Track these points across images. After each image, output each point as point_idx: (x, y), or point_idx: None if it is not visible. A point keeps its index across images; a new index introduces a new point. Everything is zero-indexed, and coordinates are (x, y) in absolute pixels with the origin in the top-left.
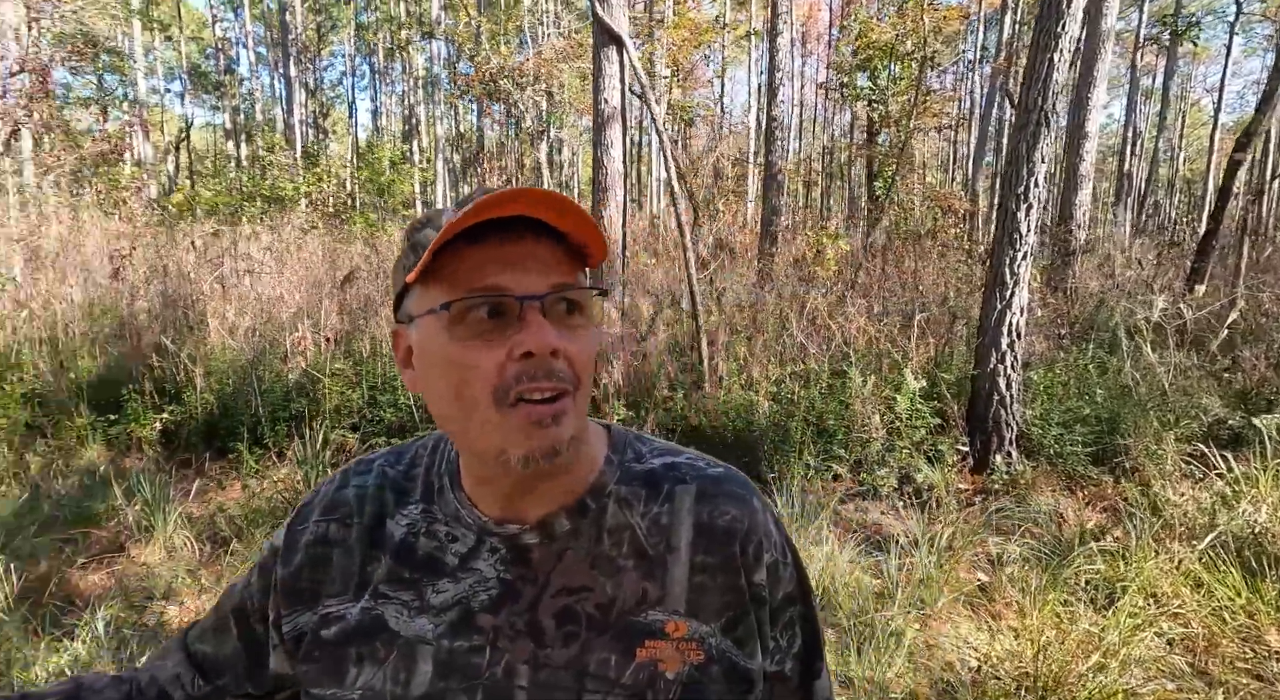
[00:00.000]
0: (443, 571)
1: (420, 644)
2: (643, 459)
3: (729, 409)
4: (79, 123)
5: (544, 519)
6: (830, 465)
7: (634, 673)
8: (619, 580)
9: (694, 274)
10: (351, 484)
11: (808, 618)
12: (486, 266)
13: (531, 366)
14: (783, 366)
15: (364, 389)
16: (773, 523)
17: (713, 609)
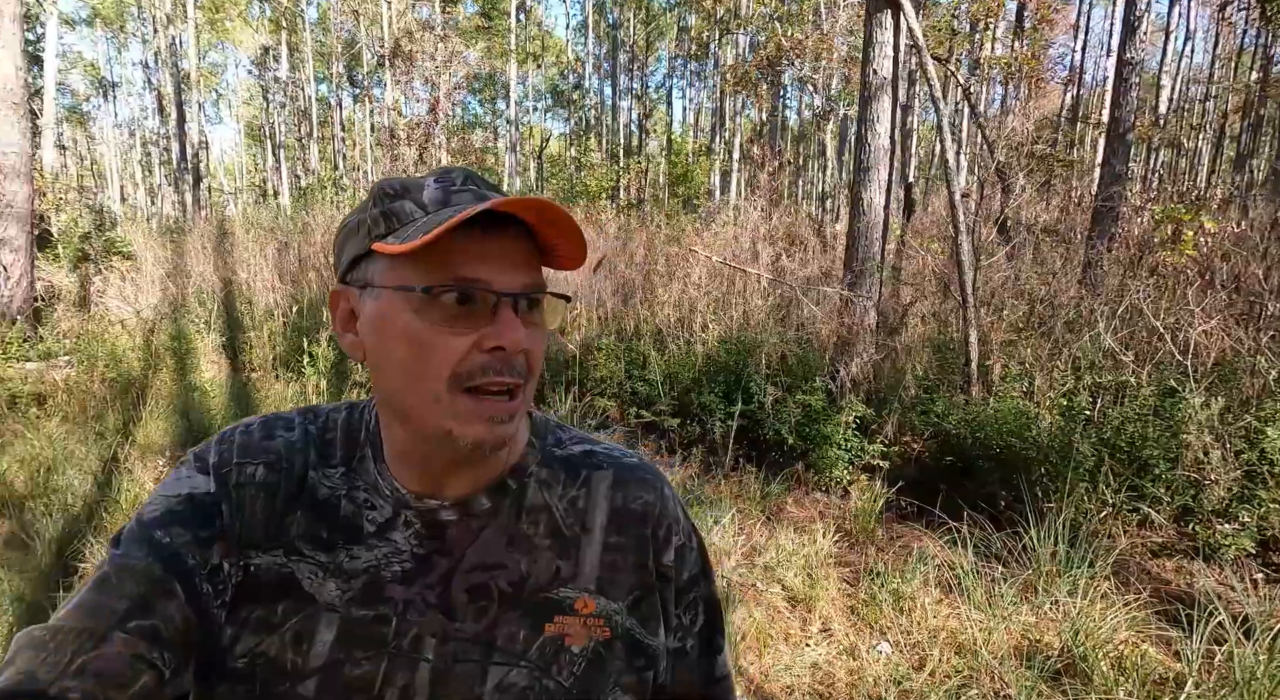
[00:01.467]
0: (359, 538)
1: (326, 610)
2: (563, 445)
3: (998, 419)
4: (475, 142)
5: (464, 497)
6: (1139, 506)
7: (540, 646)
8: (534, 558)
9: (966, 260)
10: (278, 435)
11: (709, 597)
12: (471, 257)
13: (497, 360)
14: (1079, 376)
15: (623, 363)
16: (680, 509)
17: (621, 587)
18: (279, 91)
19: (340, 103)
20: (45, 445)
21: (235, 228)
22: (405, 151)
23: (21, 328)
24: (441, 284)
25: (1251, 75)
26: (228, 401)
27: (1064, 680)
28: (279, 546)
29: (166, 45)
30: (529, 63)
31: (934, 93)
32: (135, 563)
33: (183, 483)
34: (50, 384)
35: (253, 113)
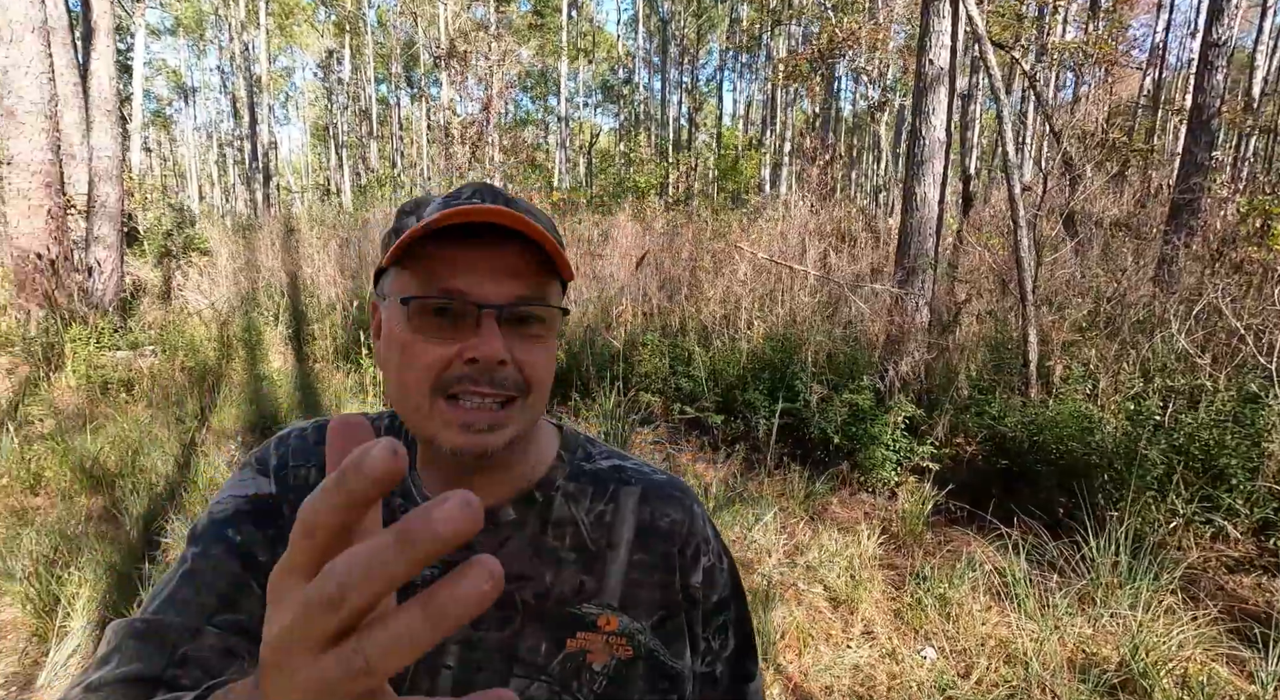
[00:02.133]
0: None
1: None
2: (592, 459)
3: (1059, 422)
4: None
5: (491, 506)
6: (1213, 518)
7: (562, 661)
8: (558, 571)
9: (1025, 256)
10: (290, 444)
11: (741, 621)
12: (453, 268)
13: (475, 371)
14: (1149, 379)
15: (668, 359)
16: (710, 529)
17: (646, 606)
18: (342, 92)
19: (398, 102)
20: (132, 428)
21: (301, 225)
22: (459, 150)
23: (112, 319)
24: (423, 295)
25: None
26: (292, 391)
27: (1121, 696)
28: None
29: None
30: (579, 59)
31: (994, 83)
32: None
33: (247, 484)
34: (137, 371)
35: (317, 113)
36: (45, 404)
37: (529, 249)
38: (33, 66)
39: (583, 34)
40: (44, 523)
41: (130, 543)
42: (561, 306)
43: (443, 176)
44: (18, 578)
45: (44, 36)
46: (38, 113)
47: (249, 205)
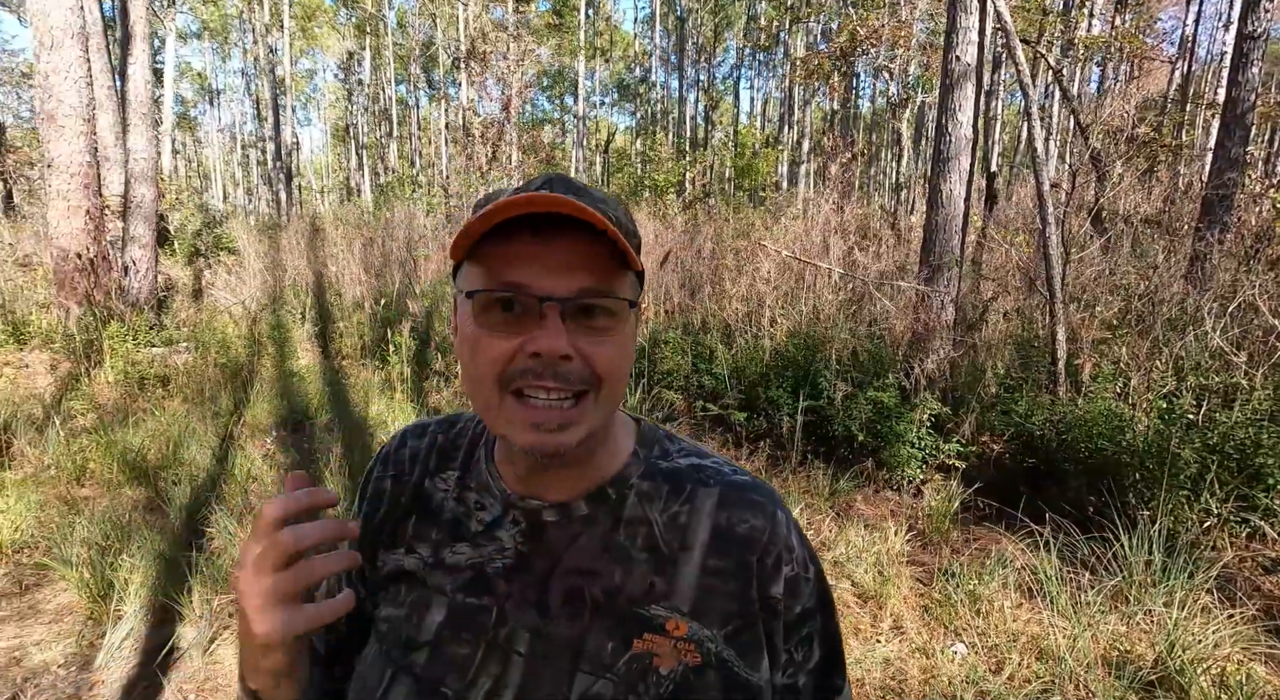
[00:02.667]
0: (464, 536)
1: (436, 594)
2: (669, 457)
3: (1089, 421)
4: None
5: (564, 501)
6: (1248, 518)
7: (628, 662)
8: (628, 570)
9: (1054, 253)
10: (409, 444)
11: (827, 633)
12: (516, 261)
13: (539, 365)
14: (1182, 377)
15: (689, 357)
16: (796, 536)
17: (718, 614)
18: (361, 93)
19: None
20: (171, 422)
21: (325, 225)
22: (480, 149)
23: (148, 316)
24: (485, 288)
25: None
26: (322, 387)
27: (1156, 693)
28: (397, 545)
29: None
30: (596, 58)
31: (1022, 78)
32: None
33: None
34: (172, 368)
35: (338, 114)
36: (86, 399)
37: (596, 240)
38: (72, 71)
39: (599, 33)
40: (93, 512)
41: (176, 532)
42: (629, 299)
43: (460, 176)
44: (73, 564)
45: (83, 42)
46: (76, 117)
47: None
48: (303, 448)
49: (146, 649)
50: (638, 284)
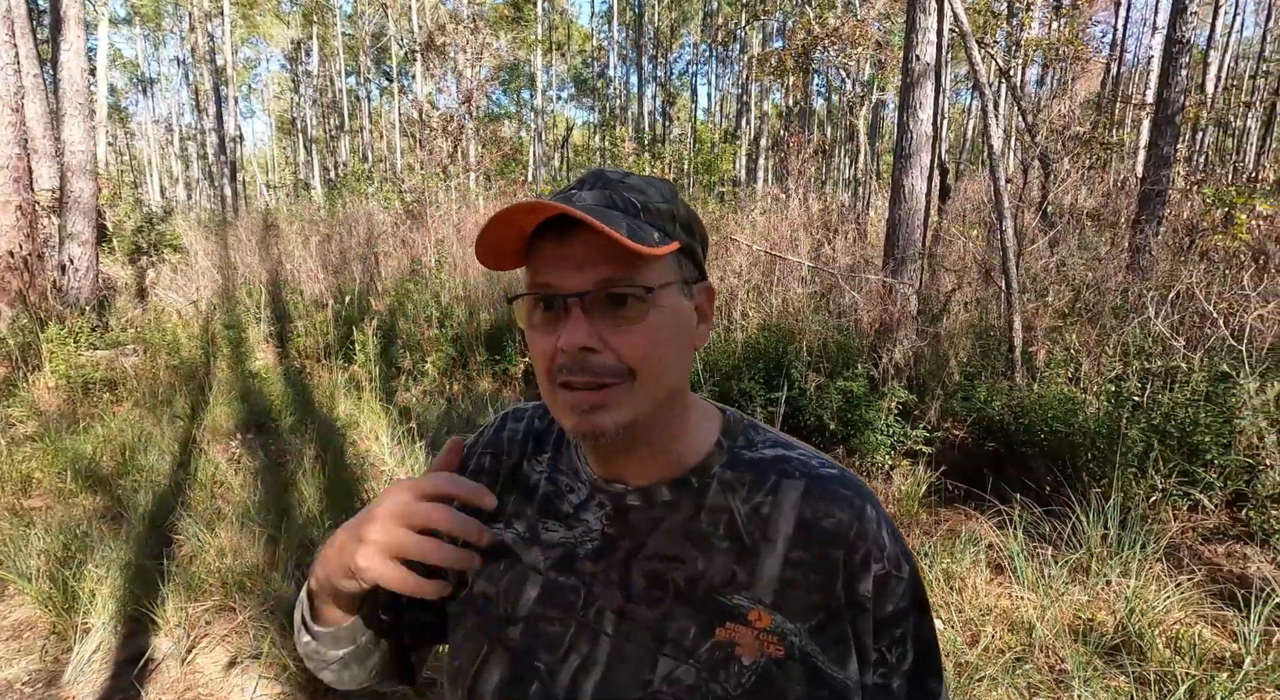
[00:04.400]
0: (557, 515)
1: (531, 571)
2: (754, 447)
3: (1044, 405)
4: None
5: (646, 486)
6: (1189, 492)
7: (710, 649)
8: (710, 558)
9: (1010, 246)
10: (508, 427)
11: (922, 635)
12: (545, 263)
13: (568, 359)
14: (1128, 362)
15: None
16: (887, 532)
17: (801, 608)
18: (309, 85)
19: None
20: (123, 428)
21: (279, 221)
22: (441, 144)
23: (89, 317)
24: (524, 292)
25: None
26: (284, 388)
27: (1119, 657)
28: (497, 520)
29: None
30: (553, 52)
31: (979, 78)
32: None
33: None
34: (119, 371)
35: (283, 107)
36: (25, 405)
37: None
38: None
39: (554, 26)
40: (48, 523)
41: (141, 540)
42: (650, 285)
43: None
44: (31, 577)
45: (8, 26)
46: (3, 106)
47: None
48: (270, 450)
49: (118, 661)
50: (685, 264)
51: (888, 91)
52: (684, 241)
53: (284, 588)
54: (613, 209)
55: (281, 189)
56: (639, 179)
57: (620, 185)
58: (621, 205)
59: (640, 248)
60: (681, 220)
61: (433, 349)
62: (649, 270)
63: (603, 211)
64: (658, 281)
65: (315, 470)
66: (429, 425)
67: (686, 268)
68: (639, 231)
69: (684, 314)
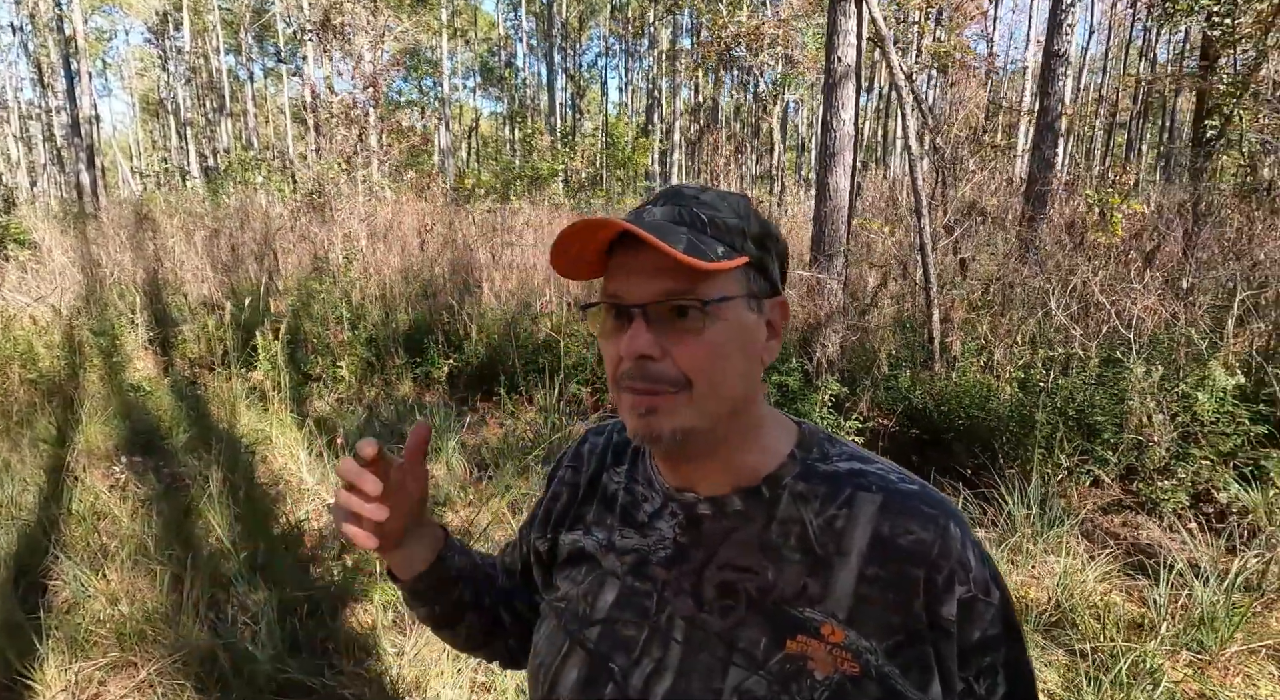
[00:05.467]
0: (632, 523)
1: (610, 576)
2: (829, 460)
3: (961, 393)
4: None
5: (718, 496)
6: (1089, 468)
7: (781, 661)
8: (781, 569)
9: (928, 242)
10: (588, 441)
11: (1016, 665)
12: (616, 274)
13: (630, 366)
14: (1035, 350)
15: (595, 350)
16: (973, 554)
17: (877, 626)
18: (180, 63)
19: (251, 77)
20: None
21: (154, 213)
22: (345, 132)
23: None
24: (596, 302)
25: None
26: (173, 401)
27: (1055, 632)
28: (578, 527)
29: (49, 6)
30: (457, 39)
31: (897, 80)
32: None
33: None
34: None
35: (148, 85)
36: None
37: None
38: None
39: (458, 12)
40: None
41: (3, 590)
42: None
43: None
44: None
45: None
46: None
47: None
48: (163, 473)
49: None
50: (755, 279)
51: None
52: (754, 256)
53: (197, 633)
54: (679, 224)
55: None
56: (713, 195)
57: (693, 201)
58: (688, 220)
59: (695, 262)
60: (753, 235)
61: (345, 353)
62: (710, 285)
63: (668, 227)
64: (719, 295)
65: (223, 494)
66: (349, 435)
67: (756, 282)
68: (700, 247)
69: (750, 328)
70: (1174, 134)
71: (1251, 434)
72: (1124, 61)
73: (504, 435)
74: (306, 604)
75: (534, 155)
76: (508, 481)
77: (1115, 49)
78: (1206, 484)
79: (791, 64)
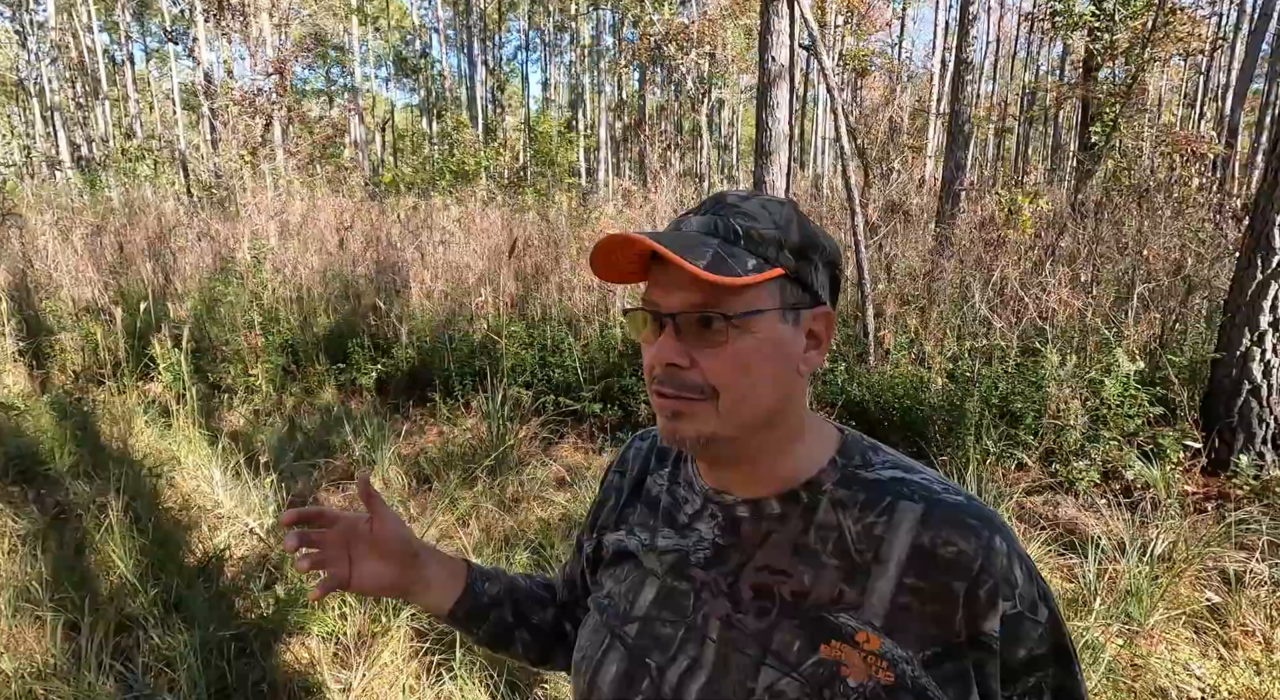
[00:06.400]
0: (673, 524)
1: (650, 575)
2: (870, 467)
3: (895, 384)
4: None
5: (755, 499)
6: (1014, 452)
7: (814, 665)
8: (818, 574)
9: (861, 239)
10: (633, 446)
11: (1064, 688)
12: (655, 283)
13: (660, 371)
14: (961, 342)
15: (535, 350)
16: (1021, 570)
17: (914, 636)
18: (44, 40)
19: (131, 59)
20: None
21: (19, 208)
22: (250, 122)
23: None
24: (635, 307)
25: (1026, 77)
26: (52, 420)
27: None
28: (621, 528)
29: None
30: (366, 25)
31: (829, 81)
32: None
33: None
34: None
35: (4, 63)
36: None
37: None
38: None
39: None
40: None
41: None
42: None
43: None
44: None
45: None
46: None
47: None
48: (47, 503)
49: None
50: (792, 290)
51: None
52: (790, 267)
53: (98, 685)
54: (712, 235)
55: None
56: (756, 203)
57: (732, 210)
58: (721, 232)
59: (716, 278)
60: (792, 246)
61: (260, 360)
62: (737, 299)
63: (698, 238)
64: (746, 309)
65: (123, 524)
66: (270, 450)
67: (793, 293)
68: (727, 261)
69: (783, 340)
70: (1057, 139)
71: (1150, 415)
72: (1010, 72)
73: (442, 444)
74: (234, 643)
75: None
76: (452, 493)
77: (1004, 60)
78: (1115, 462)
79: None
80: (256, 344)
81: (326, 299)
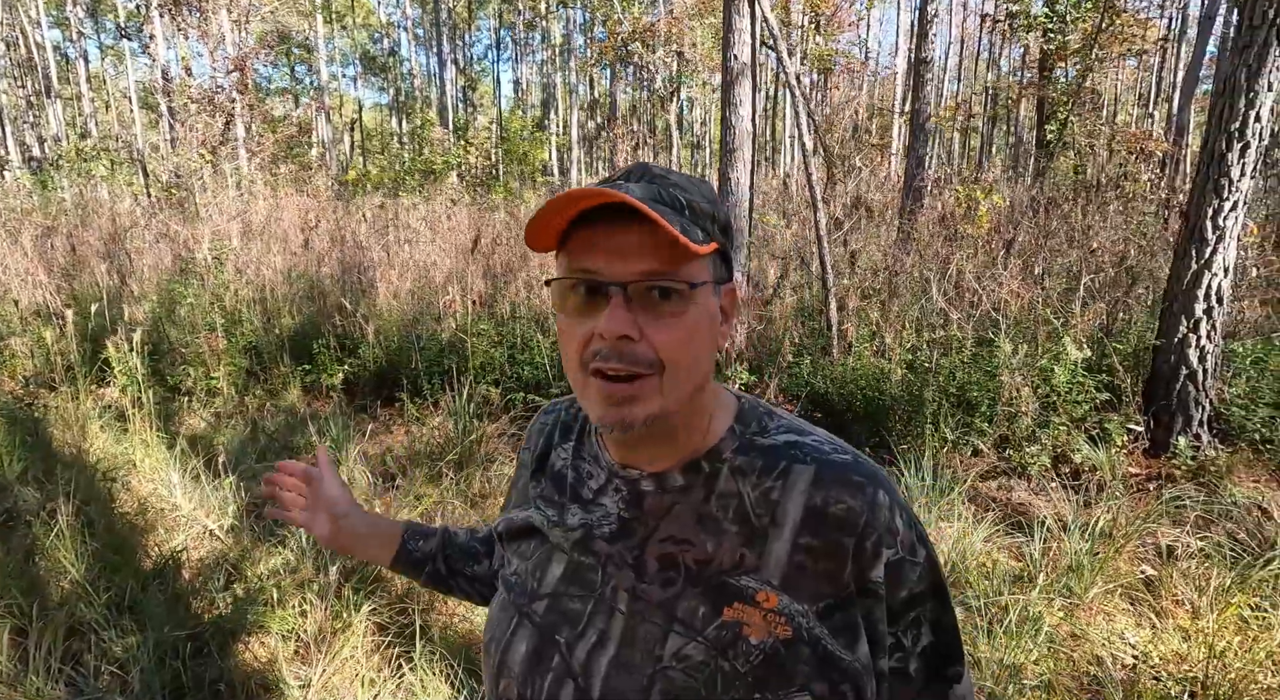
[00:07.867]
0: (579, 499)
1: (557, 550)
2: (767, 433)
3: (858, 376)
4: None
5: (660, 471)
6: (970, 439)
7: (718, 628)
8: (719, 541)
9: (824, 235)
10: (540, 420)
11: (939, 619)
12: (590, 250)
13: (605, 346)
14: (920, 333)
15: (504, 348)
16: (902, 519)
17: (809, 592)
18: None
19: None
20: None
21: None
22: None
23: None
24: (561, 277)
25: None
26: (1, 425)
27: (952, 591)
28: (527, 504)
29: None
30: (333, 23)
31: (790, 79)
32: None
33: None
34: None
35: None
36: None
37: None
38: None
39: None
40: None
41: None
42: (692, 281)
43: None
44: None
45: None
46: None
47: None
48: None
49: None
50: (719, 265)
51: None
52: (720, 243)
53: (46, 690)
54: (662, 204)
55: None
56: (682, 177)
57: (665, 181)
58: (668, 201)
59: (693, 245)
60: (721, 222)
61: (221, 361)
62: (692, 267)
63: (656, 205)
64: (698, 279)
65: (75, 528)
66: (231, 453)
67: (719, 268)
68: (689, 230)
69: (714, 314)
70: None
71: (1097, 400)
72: (974, 71)
73: (410, 443)
74: (190, 644)
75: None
76: (418, 490)
77: (967, 61)
78: (1064, 447)
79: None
80: (218, 346)
81: (291, 299)
